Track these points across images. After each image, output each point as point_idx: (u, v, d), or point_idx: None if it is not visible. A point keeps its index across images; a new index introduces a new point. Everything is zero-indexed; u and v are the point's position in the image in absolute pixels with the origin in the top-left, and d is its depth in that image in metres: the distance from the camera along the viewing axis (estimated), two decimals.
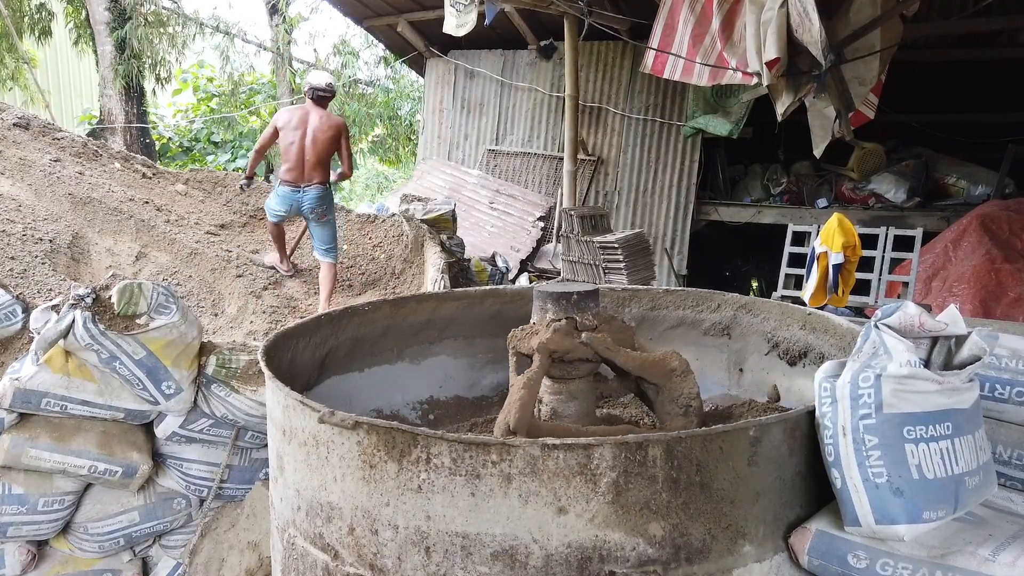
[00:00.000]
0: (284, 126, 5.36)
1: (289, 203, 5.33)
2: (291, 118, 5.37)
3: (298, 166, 5.31)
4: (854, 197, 8.49)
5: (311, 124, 5.34)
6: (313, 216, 5.36)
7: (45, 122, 6.19)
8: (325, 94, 5.49)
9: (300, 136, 5.31)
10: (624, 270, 6.49)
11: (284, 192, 5.34)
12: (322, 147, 5.34)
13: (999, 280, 5.86)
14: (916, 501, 1.46)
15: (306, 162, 5.31)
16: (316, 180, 5.34)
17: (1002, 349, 1.83)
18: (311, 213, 5.35)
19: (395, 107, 16.39)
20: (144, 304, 2.68)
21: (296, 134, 5.32)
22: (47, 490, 2.79)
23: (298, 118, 5.36)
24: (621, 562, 1.47)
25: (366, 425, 1.55)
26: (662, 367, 2.07)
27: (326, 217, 5.41)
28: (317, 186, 5.34)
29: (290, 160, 5.32)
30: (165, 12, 13.34)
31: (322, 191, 5.37)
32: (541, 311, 2.16)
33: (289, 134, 5.33)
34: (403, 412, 2.76)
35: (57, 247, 4.63)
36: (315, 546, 1.72)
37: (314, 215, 5.36)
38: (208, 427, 2.91)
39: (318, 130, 5.33)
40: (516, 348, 2.11)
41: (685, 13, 5.45)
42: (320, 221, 5.38)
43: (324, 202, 5.39)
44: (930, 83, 8.34)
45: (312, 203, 5.33)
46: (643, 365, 2.08)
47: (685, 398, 2.06)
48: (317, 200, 5.34)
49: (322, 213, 5.38)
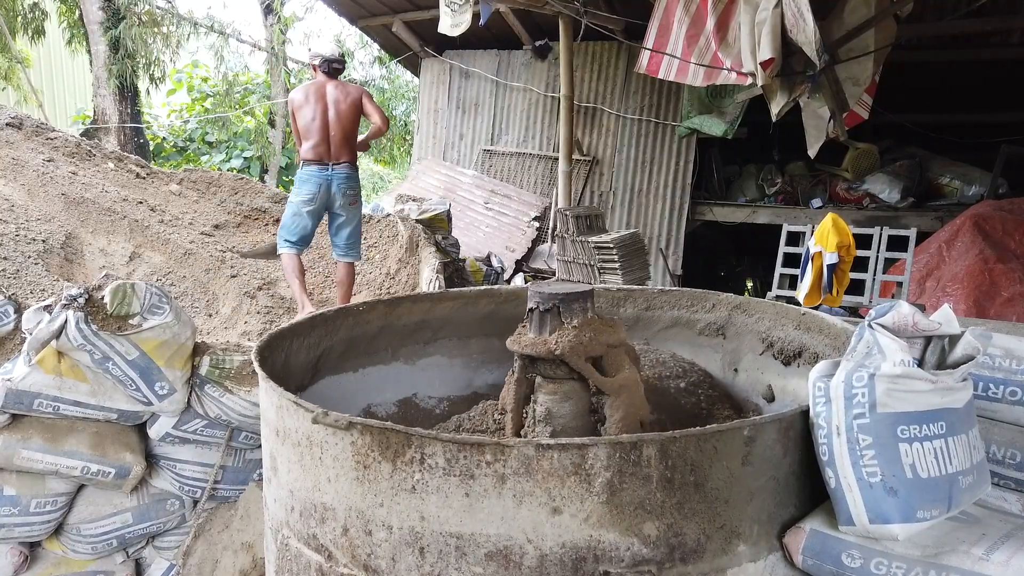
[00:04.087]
0: (301, 105, 4.89)
1: (318, 182, 4.79)
2: (306, 94, 4.90)
3: (323, 142, 4.83)
4: (848, 197, 8.52)
5: (330, 96, 4.89)
6: (344, 200, 4.87)
7: (38, 122, 6.16)
8: (339, 65, 5.02)
9: (321, 111, 4.85)
10: (619, 270, 6.49)
11: (310, 171, 4.81)
12: (347, 119, 4.88)
13: (992, 280, 5.88)
14: (910, 500, 1.46)
15: (331, 137, 4.84)
16: (345, 159, 4.87)
17: (995, 348, 1.84)
18: (342, 195, 4.85)
19: (390, 107, 16.40)
20: (137, 304, 2.66)
21: (316, 109, 4.85)
22: (39, 491, 2.78)
23: (314, 92, 4.89)
24: (616, 562, 1.47)
25: (360, 425, 1.55)
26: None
27: (357, 202, 4.95)
28: (346, 164, 4.88)
29: (313, 136, 4.83)
30: (159, 12, 13.29)
31: (352, 169, 4.92)
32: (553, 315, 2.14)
33: (308, 110, 4.85)
34: (396, 412, 2.75)
35: (50, 247, 4.61)
36: (309, 547, 1.72)
37: (345, 198, 4.87)
38: (202, 428, 2.90)
39: (339, 101, 4.87)
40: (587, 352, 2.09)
41: (680, 13, 5.45)
42: (351, 207, 4.92)
43: (355, 182, 4.92)
44: (924, 83, 8.37)
45: (343, 181, 4.84)
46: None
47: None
48: (348, 179, 4.87)
49: (354, 197, 4.91)
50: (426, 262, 5.60)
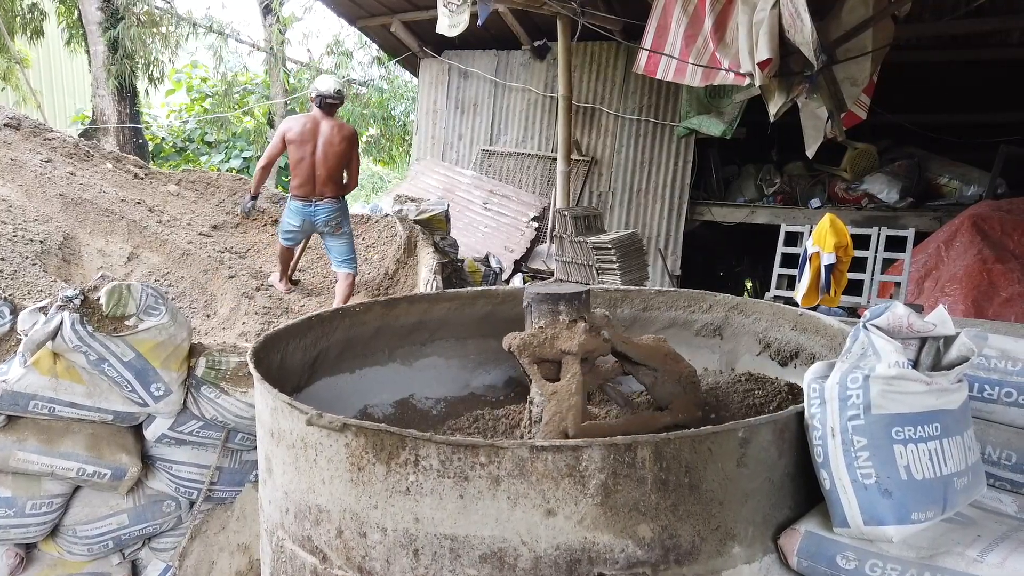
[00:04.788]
0: (293, 140, 5.18)
1: (302, 217, 5.23)
2: (301, 130, 5.18)
3: (309, 182, 5.19)
4: (847, 197, 8.51)
5: (322, 136, 5.19)
6: (328, 229, 5.27)
7: (36, 122, 6.15)
8: (334, 101, 5.30)
9: (310, 151, 5.17)
10: (617, 270, 6.48)
11: (296, 206, 5.24)
12: (333, 161, 5.20)
13: (991, 280, 5.87)
14: (905, 502, 1.46)
15: (316, 177, 5.19)
16: (329, 195, 5.23)
17: (991, 350, 1.84)
18: (325, 226, 5.26)
19: (389, 107, 16.39)
20: (133, 305, 2.66)
21: (306, 149, 5.17)
22: (35, 493, 2.77)
23: (308, 130, 5.18)
24: (610, 564, 1.47)
25: (354, 427, 1.55)
26: (657, 352, 2.19)
27: (342, 229, 5.31)
28: (330, 200, 5.24)
29: (300, 176, 5.19)
30: (158, 12, 13.29)
31: (335, 204, 5.27)
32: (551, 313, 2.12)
33: (298, 149, 5.17)
34: (393, 413, 2.75)
35: (48, 248, 4.60)
36: (304, 549, 1.72)
37: (328, 227, 5.26)
38: (198, 429, 2.90)
39: (328, 144, 5.18)
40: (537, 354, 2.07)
41: (678, 14, 5.45)
42: (336, 234, 5.29)
43: (338, 213, 5.29)
44: (922, 83, 8.36)
45: (326, 215, 5.23)
46: (648, 353, 2.19)
47: (686, 377, 2.17)
48: (330, 212, 5.24)
49: (337, 225, 5.28)
50: (424, 262, 5.59)
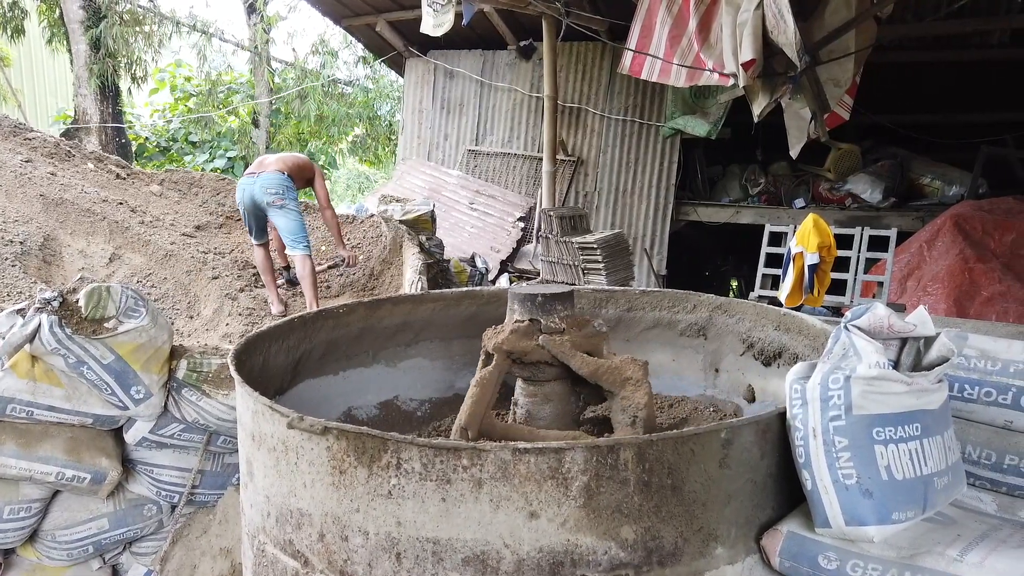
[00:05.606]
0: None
1: (242, 189, 5.14)
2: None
3: (259, 165, 5.29)
4: (831, 197, 8.57)
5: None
6: (268, 200, 5.05)
7: (16, 122, 6.08)
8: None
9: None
10: (603, 270, 6.49)
11: (240, 183, 5.22)
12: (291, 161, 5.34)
13: (972, 279, 5.93)
14: (885, 502, 1.46)
15: (265, 161, 5.31)
16: (273, 168, 5.16)
17: (971, 350, 1.85)
18: (265, 195, 5.05)
19: (374, 107, 16.33)
20: (112, 307, 2.63)
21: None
22: (13, 497, 2.73)
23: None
24: (593, 566, 1.46)
25: (335, 430, 1.53)
26: (616, 375, 2.04)
27: (282, 202, 5.09)
28: (274, 172, 5.13)
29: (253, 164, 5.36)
30: (141, 11, 13.17)
31: (278, 176, 5.11)
32: (510, 312, 2.17)
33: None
34: (377, 414, 2.73)
35: (28, 249, 4.54)
36: (285, 553, 1.70)
37: (269, 198, 5.05)
38: (179, 432, 2.87)
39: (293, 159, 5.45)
40: (483, 347, 2.11)
41: (662, 14, 5.47)
42: (277, 207, 5.08)
43: (278, 183, 5.09)
44: (904, 84, 8.44)
45: (264, 183, 5.05)
46: (597, 371, 2.05)
47: (633, 408, 2.02)
48: (269, 180, 5.07)
49: (278, 196, 5.07)
50: (409, 263, 5.57)
